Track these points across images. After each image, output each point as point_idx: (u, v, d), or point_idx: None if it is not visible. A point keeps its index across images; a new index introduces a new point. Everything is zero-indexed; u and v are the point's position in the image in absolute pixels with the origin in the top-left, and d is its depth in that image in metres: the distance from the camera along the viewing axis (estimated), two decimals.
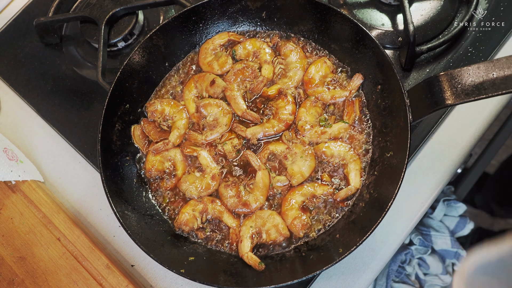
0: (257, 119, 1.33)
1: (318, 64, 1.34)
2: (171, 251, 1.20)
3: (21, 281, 1.29)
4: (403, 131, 1.14)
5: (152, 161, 1.32)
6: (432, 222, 1.74)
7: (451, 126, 1.36)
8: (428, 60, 1.41)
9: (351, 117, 1.30)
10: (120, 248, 1.36)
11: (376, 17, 1.47)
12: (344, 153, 1.26)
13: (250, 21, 1.42)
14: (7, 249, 1.33)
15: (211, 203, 1.27)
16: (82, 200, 1.43)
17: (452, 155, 1.33)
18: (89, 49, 1.60)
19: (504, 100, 1.37)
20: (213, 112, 1.35)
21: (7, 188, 1.39)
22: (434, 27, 1.42)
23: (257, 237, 1.23)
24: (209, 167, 1.30)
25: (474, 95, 0.98)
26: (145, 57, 1.35)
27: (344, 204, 1.24)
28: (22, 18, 1.69)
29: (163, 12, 1.61)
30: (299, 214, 1.23)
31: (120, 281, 1.25)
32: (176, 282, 1.31)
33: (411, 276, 1.71)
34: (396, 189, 1.09)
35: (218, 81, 1.35)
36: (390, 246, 1.28)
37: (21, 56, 1.63)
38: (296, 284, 1.16)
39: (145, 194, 1.32)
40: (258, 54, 1.38)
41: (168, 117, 1.36)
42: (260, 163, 1.27)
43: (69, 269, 1.28)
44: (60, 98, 1.55)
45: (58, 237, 1.32)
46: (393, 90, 1.19)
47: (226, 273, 1.18)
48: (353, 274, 1.26)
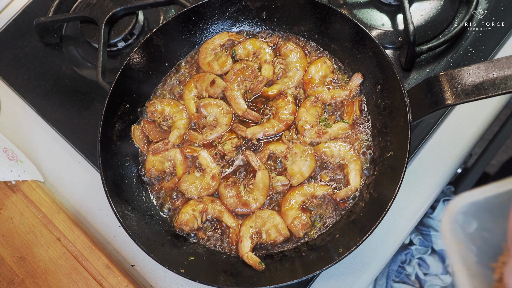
0: (258, 119, 1.33)
1: (318, 64, 1.34)
2: (171, 251, 1.20)
3: (21, 281, 1.29)
4: (403, 131, 1.14)
5: (152, 161, 1.32)
6: (432, 222, 1.74)
7: (451, 126, 1.36)
8: (428, 60, 1.41)
9: (351, 117, 1.30)
10: (120, 248, 1.36)
11: (376, 17, 1.47)
12: (344, 153, 1.26)
13: (250, 21, 1.42)
14: (7, 249, 1.33)
15: (211, 203, 1.27)
16: (82, 200, 1.43)
17: (452, 155, 1.33)
18: (89, 49, 1.60)
19: (504, 100, 1.37)
20: (213, 112, 1.35)
21: (7, 188, 1.39)
22: (434, 27, 1.42)
23: (257, 237, 1.23)
24: (209, 167, 1.30)
25: (474, 95, 0.98)
26: (145, 57, 1.35)
27: (344, 204, 1.24)
28: (22, 18, 1.69)
29: (163, 12, 1.61)
30: (299, 214, 1.23)
31: (120, 281, 1.25)
32: (176, 282, 1.31)
33: (411, 276, 1.70)
34: (396, 189, 1.09)
35: (218, 81, 1.35)
36: (390, 246, 1.28)
37: (21, 56, 1.63)
38: (296, 284, 1.16)
39: (145, 194, 1.32)
40: (258, 54, 1.38)
41: (168, 117, 1.36)
42: (260, 163, 1.27)
43: (69, 269, 1.28)
44: (60, 98, 1.55)
45: (58, 237, 1.32)
46: (393, 90, 1.19)
47: (226, 273, 1.18)
48: (353, 274, 1.26)
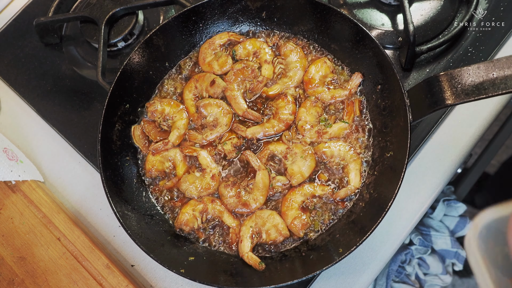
0: (258, 118, 1.33)
1: (318, 64, 1.34)
2: (171, 251, 1.20)
3: (21, 281, 1.29)
4: (403, 131, 1.14)
5: (152, 161, 1.32)
6: (432, 222, 1.74)
7: (451, 126, 1.36)
8: (428, 60, 1.41)
9: (351, 117, 1.30)
10: (120, 248, 1.36)
11: (376, 17, 1.47)
12: (344, 153, 1.26)
13: (250, 21, 1.42)
14: (7, 249, 1.33)
15: (211, 203, 1.27)
16: (82, 200, 1.43)
17: (452, 155, 1.33)
18: (89, 49, 1.60)
19: (504, 100, 1.37)
20: (213, 112, 1.35)
21: (7, 188, 1.39)
22: (434, 27, 1.42)
23: (257, 237, 1.23)
24: (209, 167, 1.30)
25: (474, 95, 0.98)
26: (145, 57, 1.35)
27: (344, 204, 1.24)
28: (22, 18, 1.69)
29: (163, 12, 1.61)
30: (299, 214, 1.23)
31: (120, 281, 1.25)
32: (176, 282, 1.31)
33: (411, 276, 1.71)
34: (396, 189, 1.09)
35: (218, 81, 1.35)
36: (390, 246, 1.28)
37: (21, 56, 1.63)
38: (296, 284, 1.16)
39: (145, 194, 1.32)
40: (258, 54, 1.38)
41: (168, 117, 1.36)
42: (260, 163, 1.27)
43: (69, 269, 1.28)
44: (60, 98, 1.55)
45: (58, 237, 1.32)
46: (393, 90, 1.19)
47: (226, 273, 1.18)
48: (353, 274, 1.26)
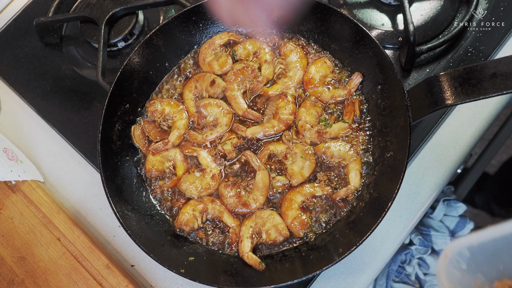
0: (259, 118, 1.33)
1: (318, 64, 1.34)
2: (171, 251, 1.20)
3: (21, 281, 1.29)
4: (403, 131, 1.14)
5: (152, 161, 1.32)
6: (432, 222, 1.74)
7: (451, 126, 1.36)
8: (428, 60, 1.41)
9: (351, 117, 1.30)
10: (120, 248, 1.36)
11: (376, 17, 1.47)
12: (344, 153, 1.26)
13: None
14: (7, 249, 1.33)
15: (211, 203, 1.27)
16: (82, 200, 1.43)
17: (452, 155, 1.33)
18: (89, 49, 1.60)
19: (504, 100, 1.37)
20: (213, 112, 1.35)
21: (7, 188, 1.39)
22: (434, 27, 1.42)
23: (257, 237, 1.23)
24: (209, 167, 1.30)
25: (474, 95, 0.98)
26: (145, 57, 1.35)
27: (344, 204, 1.24)
28: (22, 18, 1.69)
29: (163, 12, 1.61)
30: (299, 214, 1.23)
31: (120, 281, 1.25)
32: (176, 282, 1.31)
33: (411, 276, 1.70)
34: (396, 189, 1.09)
35: (218, 81, 1.35)
36: (390, 246, 1.28)
37: (21, 56, 1.63)
38: (296, 284, 1.16)
39: (145, 194, 1.32)
40: (258, 54, 1.38)
41: (168, 117, 1.36)
42: (260, 164, 1.27)
43: (69, 269, 1.28)
44: (60, 98, 1.55)
45: (58, 237, 1.32)
46: (393, 90, 1.19)
47: (226, 273, 1.18)
48: (353, 274, 1.26)
